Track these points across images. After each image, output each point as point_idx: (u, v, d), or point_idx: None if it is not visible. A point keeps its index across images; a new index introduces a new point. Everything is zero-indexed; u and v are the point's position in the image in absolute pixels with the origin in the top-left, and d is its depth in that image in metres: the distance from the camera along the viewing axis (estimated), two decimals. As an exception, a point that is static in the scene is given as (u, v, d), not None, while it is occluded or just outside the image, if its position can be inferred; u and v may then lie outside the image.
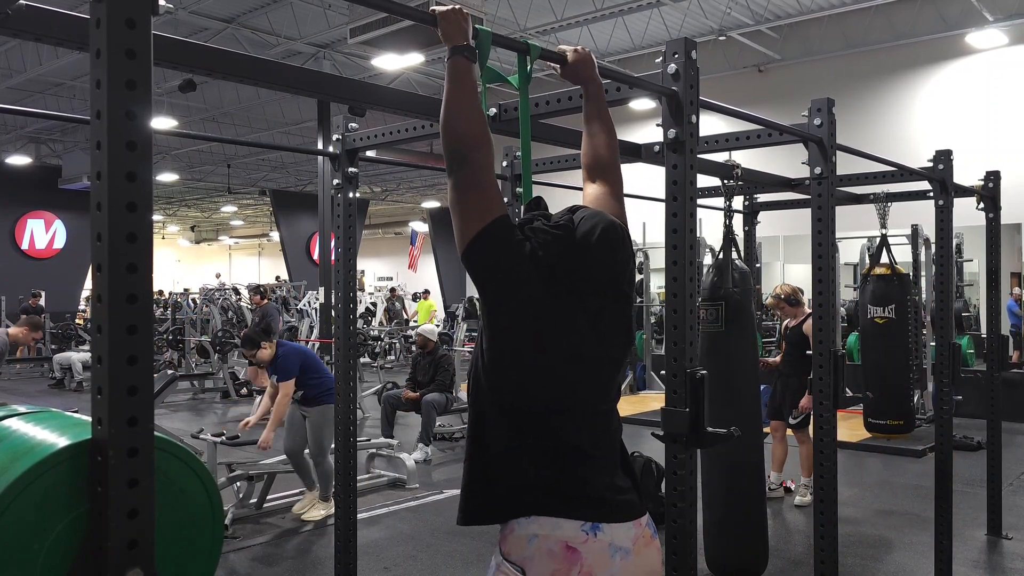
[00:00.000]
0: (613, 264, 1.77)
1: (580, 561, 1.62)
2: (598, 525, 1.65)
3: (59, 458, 1.23)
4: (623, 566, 1.66)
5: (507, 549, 1.67)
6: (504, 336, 1.72)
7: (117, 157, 1.13)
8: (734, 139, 3.51)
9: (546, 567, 1.62)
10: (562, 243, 1.72)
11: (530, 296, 1.69)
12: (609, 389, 1.83)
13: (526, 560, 1.64)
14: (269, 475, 5.35)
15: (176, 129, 13.91)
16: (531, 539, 1.64)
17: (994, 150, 9.91)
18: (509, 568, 1.66)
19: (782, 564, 4.50)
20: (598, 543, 1.64)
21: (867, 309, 6.76)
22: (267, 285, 15.10)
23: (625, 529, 1.69)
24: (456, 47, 1.77)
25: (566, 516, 1.64)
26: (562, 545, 1.62)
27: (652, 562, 1.75)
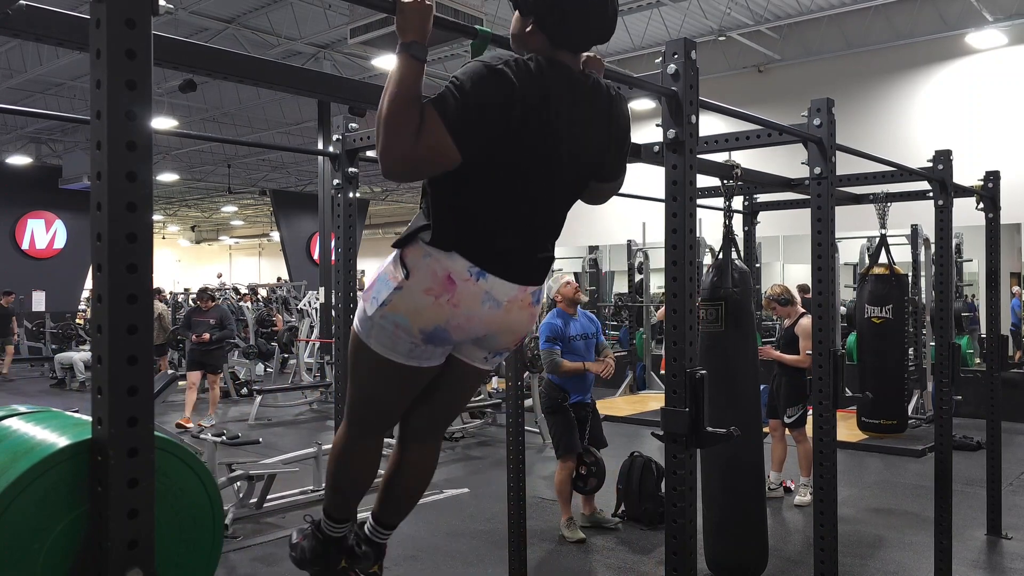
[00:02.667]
0: (603, 10, 1.90)
1: (453, 292, 1.83)
2: (484, 273, 1.84)
3: (59, 458, 1.23)
4: (488, 314, 1.87)
5: (405, 251, 1.87)
6: (478, 144, 1.78)
7: (117, 157, 1.14)
8: (734, 139, 3.51)
9: (424, 282, 1.83)
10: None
11: (500, 133, 1.77)
12: (562, 202, 1.99)
13: (414, 268, 1.84)
14: (269, 475, 5.35)
15: (176, 129, 13.91)
16: (426, 255, 1.84)
17: (994, 150, 9.91)
18: (399, 265, 1.86)
19: (782, 564, 4.50)
20: (476, 287, 1.84)
21: (864, 309, 6.76)
22: (212, 288, 14.76)
23: (508, 287, 1.88)
24: (406, 43, 1.71)
25: (462, 255, 1.83)
26: (445, 273, 1.82)
27: (517, 322, 1.94)
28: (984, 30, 10.30)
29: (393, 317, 1.86)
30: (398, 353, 1.90)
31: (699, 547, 2.99)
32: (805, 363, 5.48)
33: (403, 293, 1.84)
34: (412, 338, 1.87)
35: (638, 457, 5.33)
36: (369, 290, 1.93)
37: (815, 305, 3.13)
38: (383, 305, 1.86)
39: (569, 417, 4.94)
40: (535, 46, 1.86)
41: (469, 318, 1.86)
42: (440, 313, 1.83)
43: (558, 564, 4.61)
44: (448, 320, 1.84)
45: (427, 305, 1.83)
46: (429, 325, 1.85)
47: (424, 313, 1.83)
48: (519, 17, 1.91)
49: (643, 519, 5.15)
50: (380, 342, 1.91)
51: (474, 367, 2.06)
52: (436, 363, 1.97)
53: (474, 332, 1.90)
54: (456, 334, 1.89)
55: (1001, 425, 5.08)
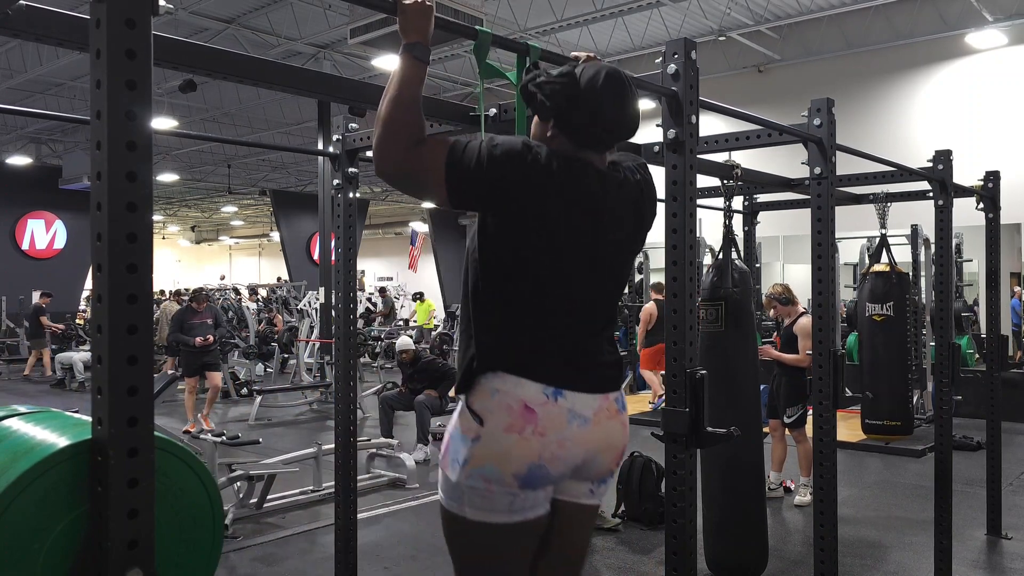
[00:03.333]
0: (623, 109, 1.80)
1: (536, 421, 1.70)
2: (561, 391, 1.72)
3: (59, 458, 1.23)
4: (579, 432, 1.73)
5: (472, 399, 1.75)
6: (505, 246, 1.74)
7: (117, 157, 1.14)
8: (734, 139, 3.51)
9: (502, 420, 1.70)
10: (569, 90, 1.75)
11: (523, 209, 1.71)
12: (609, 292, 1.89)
13: (486, 411, 1.71)
14: (269, 475, 5.35)
15: (176, 129, 13.91)
16: (494, 392, 1.72)
17: (994, 150, 9.91)
18: (469, 416, 1.74)
19: (782, 564, 4.50)
20: (557, 408, 1.71)
21: (865, 306, 6.74)
22: (211, 288, 14.62)
23: (589, 399, 1.76)
24: (409, 44, 1.68)
25: (531, 378, 1.71)
26: (521, 404, 1.70)
27: (612, 434, 1.81)
28: (984, 30, 10.30)
29: (481, 472, 1.70)
30: (498, 512, 1.72)
31: (699, 547, 2.99)
32: (804, 363, 5.48)
33: (484, 442, 1.70)
34: (508, 488, 1.70)
35: (638, 457, 5.33)
36: (445, 455, 1.79)
37: (815, 305, 3.13)
38: (466, 463, 1.72)
39: None
40: (558, 148, 1.78)
41: (561, 443, 1.71)
42: (530, 449, 1.69)
43: (558, 564, 4.61)
44: (541, 454, 1.70)
45: (513, 444, 1.68)
46: (523, 467, 1.69)
47: (513, 454, 1.68)
48: (539, 122, 1.83)
49: (643, 519, 5.15)
50: (475, 506, 1.73)
51: (582, 504, 1.88)
52: (542, 512, 1.79)
53: (572, 460, 1.75)
54: (554, 467, 1.73)
55: (1001, 425, 5.08)
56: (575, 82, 1.75)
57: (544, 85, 1.77)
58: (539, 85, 1.77)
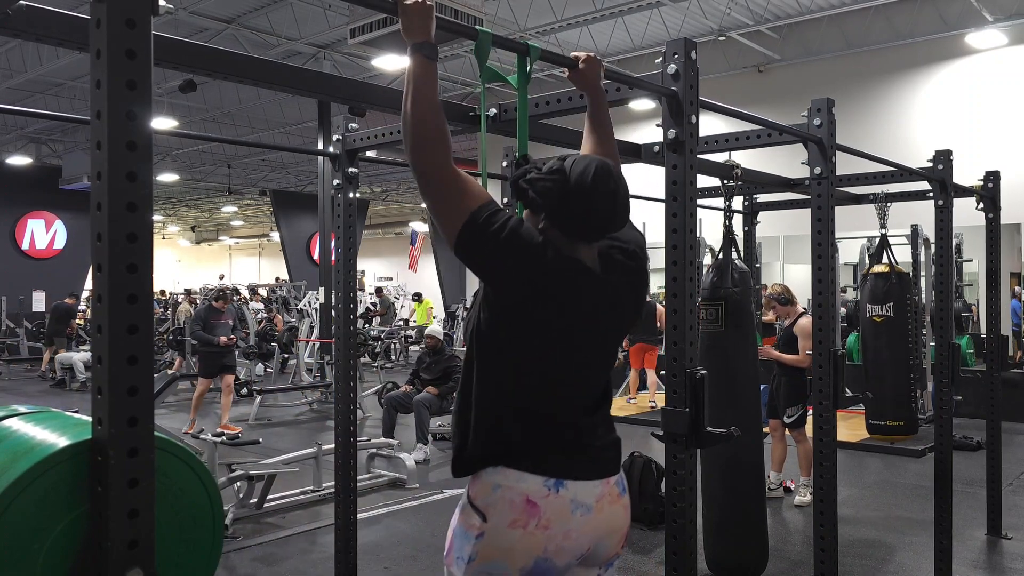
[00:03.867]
0: (614, 203, 1.80)
1: (539, 514, 1.69)
2: (562, 482, 1.72)
3: (59, 458, 1.23)
4: (583, 522, 1.73)
5: (473, 493, 1.75)
6: (499, 321, 1.75)
7: (117, 157, 1.14)
8: (734, 139, 3.51)
9: (506, 516, 1.70)
10: (560, 187, 1.75)
11: (526, 294, 1.73)
12: (605, 364, 1.90)
13: (488, 507, 1.72)
14: (269, 475, 5.35)
15: (176, 129, 13.91)
16: (495, 487, 1.72)
17: (994, 150, 9.91)
18: (471, 511, 1.74)
19: (782, 564, 4.50)
20: (559, 499, 1.71)
21: (866, 308, 6.74)
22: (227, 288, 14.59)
23: (590, 487, 1.76)
24: (417, 44, 1.69)
25: (531, 471, 1.71)
26: (523, 498, 1.70)
27: (614, 519, 1.81)
28: (984, 30, 10.29)
29: (487, 568, 1.71)
30: None
31: (699, 547, 2.99)
32: (804, 363, 5.48)
33: (488, 538, 1.70)
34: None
35: (638, 457, 5.33)
36: (449, 552, 1.79)
37: (815, 305, 3.13)
38: (471, 561, 1.72)
39: None
40: (550, 237, 1.78)
41: (566, 535, 1.71)
42: (535, 543, 1.69)
43: (558, 564, 4.62)
44: (546, 547, 1.70)
45: (518, 540, 1.68)
46: (529, 561, 1.70)
47: (519, 549, 1.69)
48: (531, 214, 1.82)
49: (643, 519, 5.15)
50: None
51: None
52: None
53: (578, 549, 1.75)
54: (560, 559, 1.73)
55: (1001, 425, 5.08)
56: (566, 179, 1.75)
57: (535, 182, 1.77)
58: (530, 182, 1.77)
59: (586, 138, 2.11)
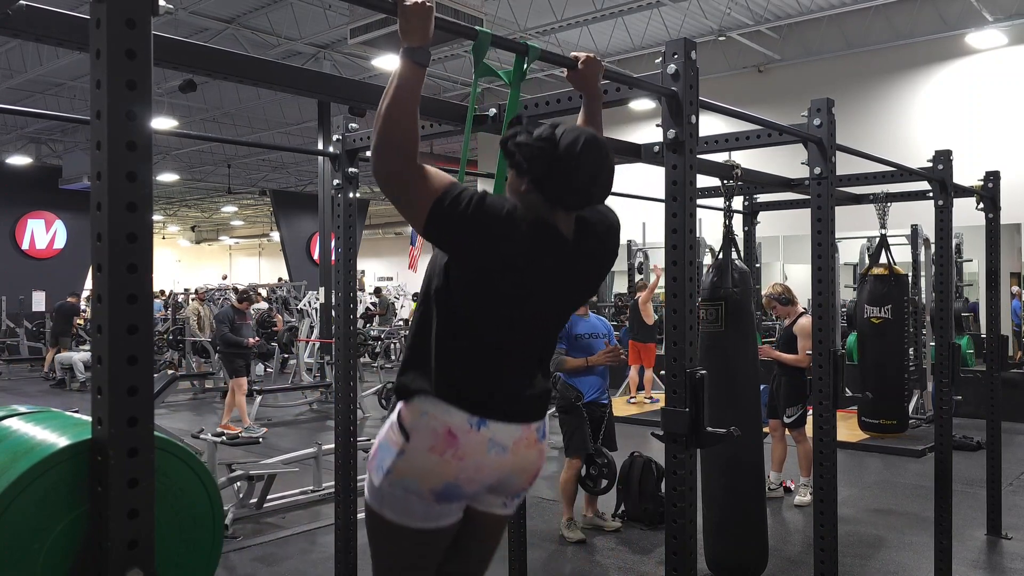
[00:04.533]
0: (598, 176, 1.85)
1: (457, 446, 1.81)
2: (484, 421, 1.83)
3: (59, 458, 1.23)
4: (497, 460, 1.86)
5: (403, 414, 1.86)
6: (457, 286, 1.82)
7: (117, 157, 1.14)
8: (734, 139, 3.51)
9: (426, 441, 1.81)
10: (547, 156, 1.79)
11: (485, 266, 1.80)
12: (552, 329, 2.01)
13: (413, 429, 1.83)
14: (269, 475, 5.35)
15: (176, 129, 13.91)
16: (423, 414, 1.83)
17: (994, 150, 9.91)
18: (398, 430, 1.85)
19: (782, 564, 4.50)
20: (479, 436, 1.82)
21: (863, 309, 6.75)
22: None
23: (510, 429, 1.87)
24: (410, 48, 1.70)
25: (458, 407, 1.81)
26: (446, 429, 1.81)
27: (527, 461, 1.93)
28: (984, 30, 10.29)
29: (401, 482, 1.83)
30: (413, 518, 1.86)
31: (699, 547, 2.99)
32: (804, 363, 5.48)
33: (407, 456, 1.82)
34: (424, 500, 1.84)
35: (638, 457, 5.33)
36: (373, 459, 1.91)
37: (815, 305, 3.13)
38: (389, 472, 1.84)
39: (581, 417, 4.91)
40: (530, 202, 1.83)
41: (478, 468, 1.83)
42: (448, 469, 1.81)
43: (558, 564, 4.61)
44: (457, 475, 1.82)
45: (433, 464, 1.80)
46: (439, 483, 1.82)
47: (432, 472, 1.81)
48: (515, 175, 1.86)
49: (643, 519, 5.15)
50: (394, 510, 1.87)
51: (493, 514, 2.02)
52: (454, 519, 1.93)
53: (485, 481, 1.87)
54: (468, 487, 1.86)
55: (1001, 425, 5.08)
56: (555, 146, 1.78)
57: (524, 147, 1.80)
58: (519, 145, 1.80)
59: None
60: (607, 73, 2.14)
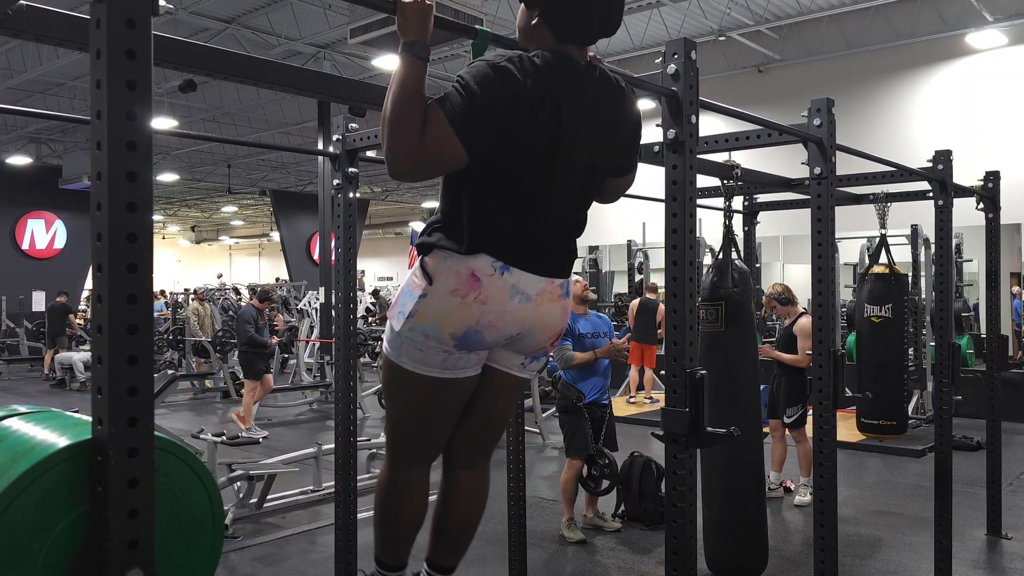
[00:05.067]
0: (608, 2, 1.87)
1: (479, 289, 1.79)
2: (508, 267, 1.81)
3: (59, 458, 1.23)
4: (519, 308, 1.83)
5: (427, 259, 1.84)
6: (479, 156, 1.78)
7: (117, 157, 1.14)
8: (734, 139, 3.51)
9: (449, 283, 1.79)
10: None
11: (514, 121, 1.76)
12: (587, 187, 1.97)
13: (436, 272, 1.81)
14: (269, 475, 5.35)
15: (176, 129, 13.91)
16: (447, 257, 1.81)
17: (994, 150, 9.91)
18: (421, 274, 1.83)
19: (781, 564, 4.50)
20: (502, 281, 1.81)
21: (863, 308, 6.75)
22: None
23: (535, 280, 1.85)
24: (409, 43, 1.71)
25: (483, 251, 1.79)
26: (469, 271, 1.79)
27: (550, 315, 1.91)
28: (984, 30, 10.30)
29: (422, 327, 1.81)
30: (431, 366, 1.85)
31: (699, 547, 2.99)
32: (804, 363, 5.48)
33: (428, 299, 1.80)
34: (444, 346, 1.82)
35: (638, 457, 5.33)
36: (394, 306, 1.89)
37: (815, 305, 3.13)
38: (410, 316, 1.82)
39: (583, 418, 4.91)
40: (541, 39, 1.84)
41: (500, 314, 1.81)
42: (469, 313, 1.78)
43: (558, 564, 4.61)
44: (479, 319, 1.79)
45: (455, 307, 1.78)
46: (460, 328, 1.80)
47: (453, 316, 1.79)
48: (525, 10, 1.88)
49: (643, 519, 5.15)
50: (411, 357, 1.85)
51: (512, 375, 2.00)
52: (472, 372, 1.91)
53: (507, 330, 1.85)
54: (489, 334, 1.83)
55: (1001, 425, 5.08)
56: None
57: None
58: None
59: None
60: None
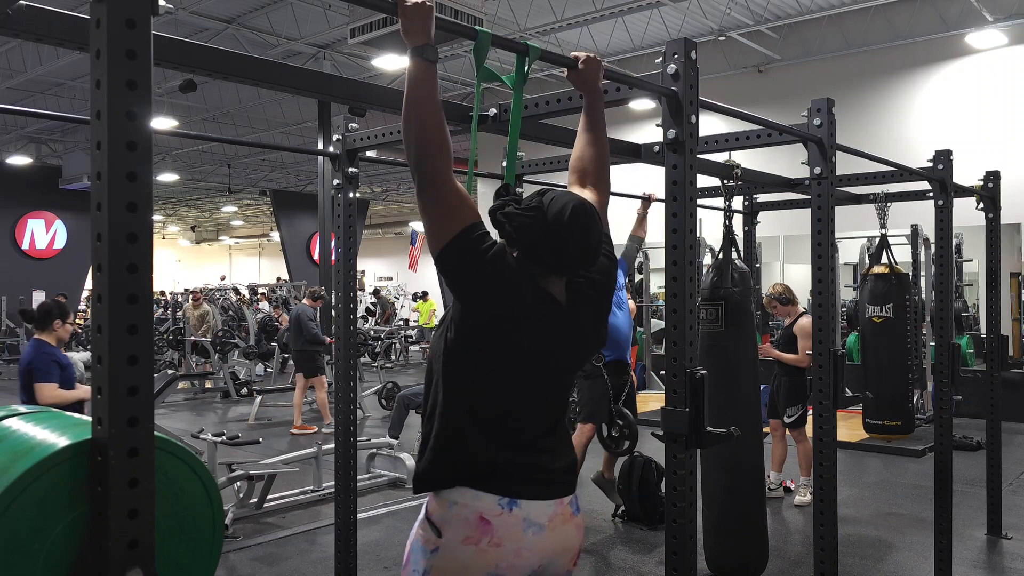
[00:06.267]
0: (587, 243, 1.84)
1: (492, 532, 1.74)
2: (515, 501, 1.77)
3: (59, 458, 1.23)
4: (535, 540, 1.78)
5: (431, 509, 1.81)
6: (467, 341, 1.79)
7: (117, 157, 1.14)
8: (734, 139, 3.51)
9: (460, 532, 1.75)
10: (537, 224, 1.79)
11: (497, 314, 1.78)
12: (564, 390, 1.96)
13: (444, 523, 1.77)
14: (269, 475, 5.35)
15: (176, 129, 13.89)
16: (452, 505, 1.77)
17: (994, 150, 9.91)
18: (428, 527, 1.79)
19: (782, 564, 4.50)
20: (512, 518, 1.76)
21: (865, 308, 6.75)
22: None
23: (544, 507, 1.80)
24: (417, 47, 1.70)
25: (487, 490, 1.76)
26: (477, 515, 1.75)
27: (567, 539, 1.86)
28: (984, 30, 10.29)
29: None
30: None
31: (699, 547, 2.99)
32: (804, 362, 5.48)
33: (442, 553, 1.76)
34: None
35: (638, 457, 5.33)
36: (407, 566, 1.84)
37: (815, 305, 3.13)
38: (426, 574, 1.77)
39: (603, 385, 4.90)
40: (523, 268, 1.83)
41: (517, 552, 1.76)
42: (487, 559, 1.74)
43: (558, 564, 4.62)
44: (498, 564, 1.74)
45: (471, 556, 1.74)
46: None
47: (471, 566, 1.74)
48: (505, 245, 1.85)
49: (643, 519, 5.15)
50: None
51: None
52: None
53: (528, 567, 1.79)
54: (511, 574, 1.77)
55: (1001, 425, 5.08)
56: (543, 217, 1.79)
57: (513, 217, 1.80)
58: (508, 216, 1.81)
59: (579, 137, 2.12)
60: (607, 73, 2.14)
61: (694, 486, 2.21)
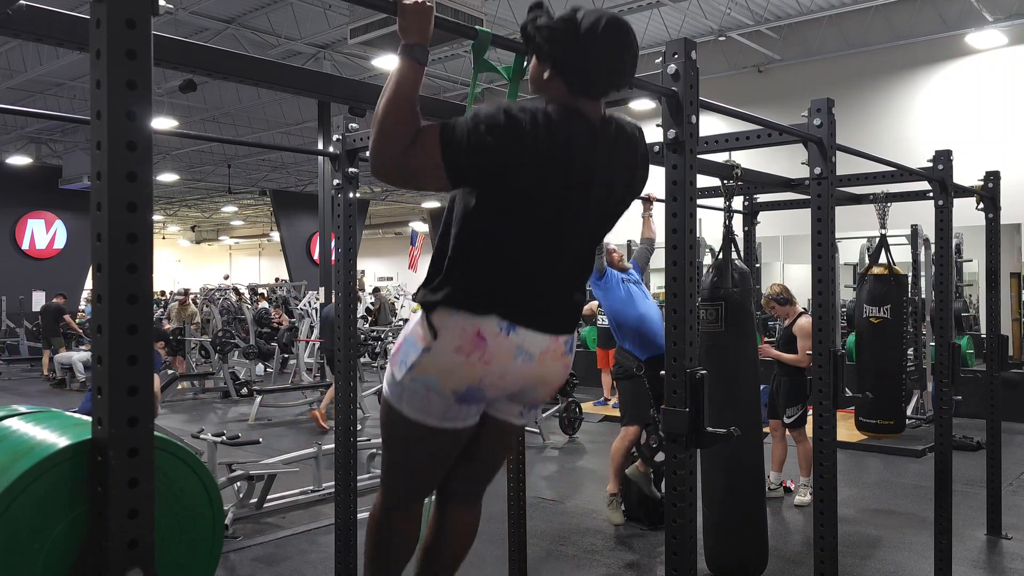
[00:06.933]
0: (621, 59, 1.82)
1: (484, 349, 1.78)
2: (515, 327, 1.81)
3: (59, 458, 1.23)
4: (522, 367, 1.83)
5: (433, 312, 1.82)
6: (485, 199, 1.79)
7: (117, 157, 1.14)
8: (734, 139, 3.51)
9: (454, 340, 1.79)
10: (568, 34, 1.76)
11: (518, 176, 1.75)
12: (593, 233, 1.97)
13: (442, 327, 1.80)
14: (269, 475, 5.35)
15: (176, 129, 13.89)
16: (453, 312, 1.81)
17: (994, 150, 9.91)
18: (426, 326, 1.82)
19: (782, 564, 4.50)
20: (507, 342, 1.80)
21: (863, 308, 6.76)
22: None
23: (540, 339, 1.85)
24: (408, 45, 1.70)
25: (491, 312, 1.79)
26: (475, 330, 1.79)
27: (551, 373, 1.92)
28: (984, 30, 10.29)
29: (423, 379, 1.81)
30: (431, 416, 1.85)
31: (699, 547, 2.99)
32: (803, 362, 5.48)
33: (432, 354, 1.79)
34: (445, 400, 1.82)
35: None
36: (396, 353, 1.88)
37: (815, 305, 3.13)
38: (412, 368, 1.82)
39: (641, 387, 4.84)
40: (554, 92, 1.81)
41: (503, 375, 1.81)
42: (472, 372, 1.78)
43: (558, 564, 4.61)
44: (481, 379, 1.80)
45: (458, 364, 1.78)
46: (462, 385, 1.80)
47: (456, 373, 1.79)
48: (537, 62, 1.84)
49: (643, 519, 5.15)
50: (412, 406, 1.86)
51: (509, 423, 2.02)
52: (471, 423, 1.92)
53: (508, 388, 1.86)
54: (490, 392, 1.84)
55: (1001, 425, 5.08)
56: (576, 26, 1.76)
57: (544, 28, 1.78)
58: (539, 28, 1.78)
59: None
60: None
61: (694, 486, 2.21)
